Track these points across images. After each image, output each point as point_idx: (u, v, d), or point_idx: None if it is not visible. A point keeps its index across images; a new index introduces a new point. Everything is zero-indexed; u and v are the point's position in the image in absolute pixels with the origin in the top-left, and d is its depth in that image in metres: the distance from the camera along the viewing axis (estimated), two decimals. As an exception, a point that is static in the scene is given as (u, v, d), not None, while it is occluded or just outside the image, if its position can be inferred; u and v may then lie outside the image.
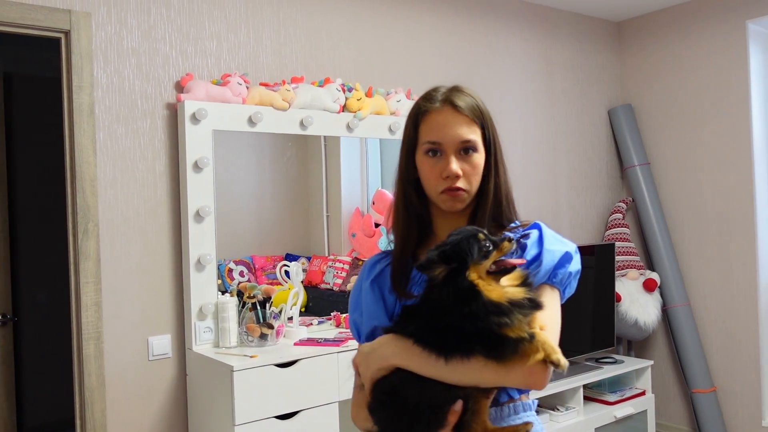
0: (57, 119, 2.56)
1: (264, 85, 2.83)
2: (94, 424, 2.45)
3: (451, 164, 1.23)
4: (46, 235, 4.41)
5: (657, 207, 4.23)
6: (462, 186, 1.24)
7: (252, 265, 2.97)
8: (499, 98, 3.83)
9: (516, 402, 1.24)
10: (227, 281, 2.83)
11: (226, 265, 2.84)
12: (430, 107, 1.26)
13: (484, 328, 1.06)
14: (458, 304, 1.07)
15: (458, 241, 1.10)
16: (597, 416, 3.57)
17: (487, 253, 1.10)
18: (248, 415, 2.33)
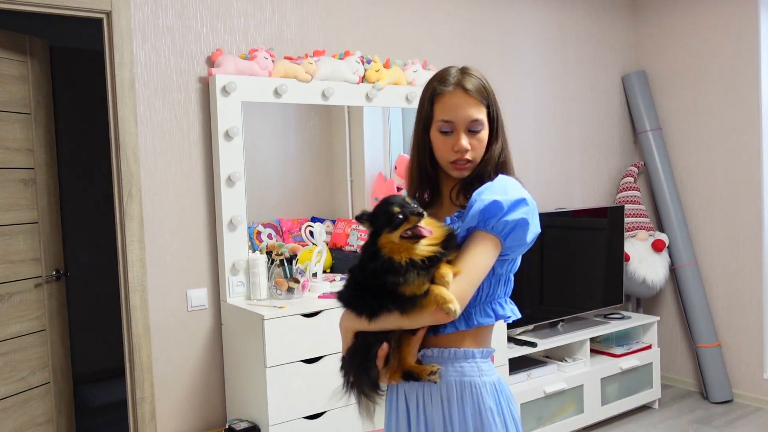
0: (99, 91, 2.80)
1: (288, 59, 3.03)
2: (141, 367, 2.76)
3: (461, 140, 1.45)
4: (89, 199, 4.72)
5: (668, 171, 4.37)
6: (469, 158, 1.47)
7: (279, 228, 3.19)
8: (513, 67, 3.98)
9: (458, 349, 1.46)
10: (256, 243, 3.05)
11: (254, 228, 3.07)
12: (444, 90, 1.47)
13: (383, 284, 1.32)
14: (367, 262, 1.35)
15: (377, 211, 1.36)
16: (603, 367, 3.79)
17: (397, 225, 1.32)
18: (277, 358, 2.60)
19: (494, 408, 1.46)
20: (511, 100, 3.97)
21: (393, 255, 1.32)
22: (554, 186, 4.21)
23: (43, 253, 3.01)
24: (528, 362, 3.63)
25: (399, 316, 1.37)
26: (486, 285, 1.46)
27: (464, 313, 1.45)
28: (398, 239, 1.32)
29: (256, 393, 2.66)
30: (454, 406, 1.45)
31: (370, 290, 1.37)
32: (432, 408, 1.48)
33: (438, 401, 1.47)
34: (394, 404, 1.55)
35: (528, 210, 1.41)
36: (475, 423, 1.45)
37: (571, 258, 3.93)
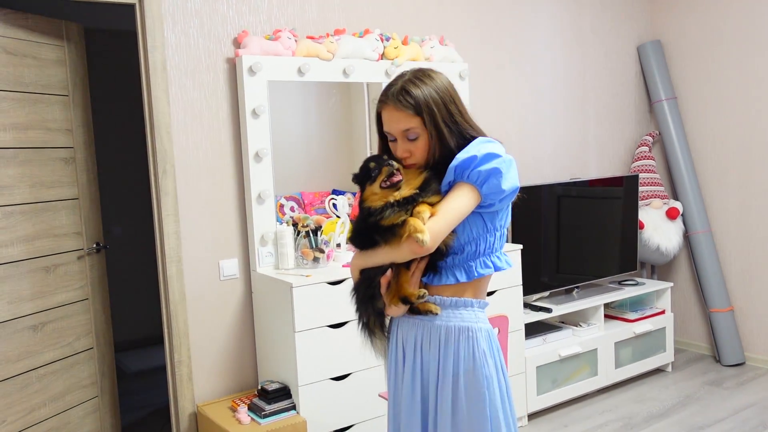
0: (131, 71, 2.95)
1: (310, 38, 3.15)
2: (179, 333, 2.95)
3: (398, 150, 1.66)
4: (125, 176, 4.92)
5: (682, 139, 4.44)
6: (412, 161, 1.67)
7: (301, 201, 3.33)
8: (529, 37, 4.05)
9: (459, 298, 1.68)
10: (279, 215, 3.20)
11: (278, 201, 3.22)
12: (381, 106, 1.67)
13: (371, 224, 1.59)
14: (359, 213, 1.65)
15: (362, 167, 1.64)
16: (617, 332, 3.93)
17: (374, 178, 1.60)
18: (306, 323, 2.78)
19: (487, 351, 1.66)
20: (526, 70, 4.06)
21: (373, 203, 1.59)
22: (570, 156, 4.30)
23: (83, 227, 3.20)
24: (543, 327, 3.77)
25: (384, 248, 1.60)
26: (483, 239, 1.66)
27: (465, 266, 1.67)
28: (379, 189, 1.59)
29: (286, 356, 2.85)
30: (450, 348, 1.66)
31: (365, 233, 1.63)
32: (429, 350, 1.69)
33: (436, 343, 1.68)
34: (393, 349, 1.77)
35: (501, 161, 1.58)
36: (467, 364, 1.64)
37: (587, 226, 4.05)
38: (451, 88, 1.67)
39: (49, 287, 3.02)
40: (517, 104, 4.03)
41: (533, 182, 3.86)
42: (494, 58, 3.90)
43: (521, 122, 4.05)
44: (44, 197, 3.01)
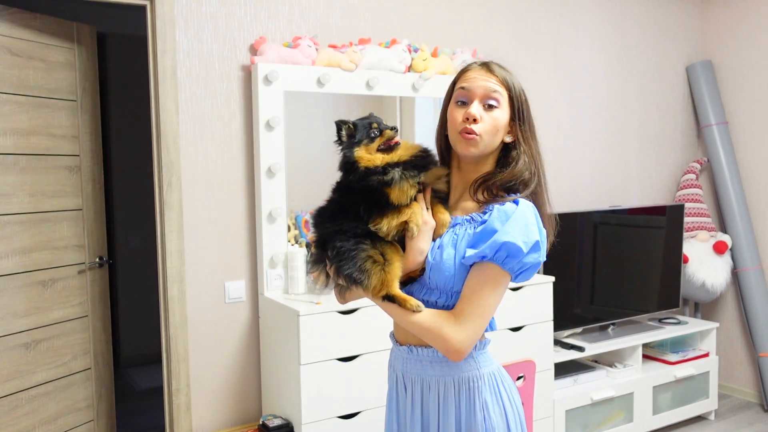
0: (144, 77, 2.78)
1: (332, 47, 2.95)
2: (178, 358, 2.74)
3: (471, 107, 1.42)
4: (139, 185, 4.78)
5: (733, 168, 4.12)
6: (477, 130, 1.42)
7: None
8: (569, 55, 3.80)
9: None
10: (303, 231, 3.00)
11: (302, 217, 3.02)
12: (468, 67, 1.49)
13: (366, 185, 1.40)
14: (345, 173, 1.46)
15: (360, 124, 1.46)
16: (656, 375, 3.61)
17: (373, 138, 1.44)
18: (312, 355, 2.54)
19: (490, 401, 1.47)
20: (565, 90, 3.79)
21: (369, 164, 1.42)
22: (610, 182, 4.01)
23: (86, 239, 3.02)
24: (575, 367, 3.48)
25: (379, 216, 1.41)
26: None
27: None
28: (375, 152, 1.43)
29: (291, 390, 2.61)
30: (450, 402, 1.47)
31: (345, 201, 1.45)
32: (429, 401, 1.50)
33: (435, 397, 1.49)
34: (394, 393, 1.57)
35: (542, 252, 1.42)
36: (468, 421, 1.45)
37: (626, 258, 3.75)
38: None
39: (45, 303, 2.84)
40: (555, 125, 3.77)
41: (569, 209, 3.58)
42: (531, 75, 3.64)
43: (558, 144, 3.78)
44: (45, 207, 2.84)
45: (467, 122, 1.41)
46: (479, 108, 1.41)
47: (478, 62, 1.48)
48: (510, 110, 1.45)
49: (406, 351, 1.51)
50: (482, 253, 1.36)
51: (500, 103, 1.42)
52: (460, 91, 1.44)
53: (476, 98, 1.42)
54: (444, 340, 1.37)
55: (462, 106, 1.43)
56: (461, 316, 1.38)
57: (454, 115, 1.44)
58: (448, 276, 1.40)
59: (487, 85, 1.42)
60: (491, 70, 1.44)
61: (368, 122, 1.45)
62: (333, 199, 1.49)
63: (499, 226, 1.37)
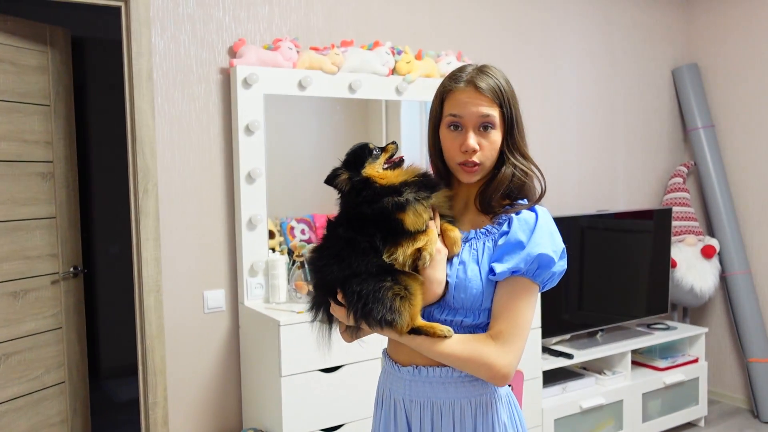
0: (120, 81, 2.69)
1: (314, 50, 2.88)
2: (154, 370, 2.65)
3: (469, 139, 1.35)
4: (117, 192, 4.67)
5: (720, 171, 4.09)
6: (477, 160, 1.36)
7: (313, 223, 3.06)
8: (555, 59, 3.75)
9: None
10: (289, 238, 2.93)
11: (288, 223, 2.94)
12: (455, 86, 1.37)
13: (380, 208, 1.29)
14: (356, 194, 1.34)
15: (353, 151, 1.38)
16: (645, 381, 3.56)
17: (376, 156, 1.36)
18: (294, 367, 2.46)
19: (509, 423, 1.40)
20: (551, 93, 3.75)
21: (381, 181, 1.34)
22: (596, 186, 3.97)
23: (60, 248, 2.93)
24: (563, 374, 3.41)
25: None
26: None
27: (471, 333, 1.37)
28: (382, 170, 1.36)
29: (272, 402, 2.53)
30: (468, 426, 1.37)
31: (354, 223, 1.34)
32: (442, 426, 1.37)
33: (450, 421, 1.37)
34: (392, 422, 1.44)
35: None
36: None
37: (613, 263, 3.70)
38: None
39: (16, 314, 2.74)
40: (541, 129, 3.72)
41: (555, 214, 3.52)
42: (516, 79, 3.56)
43: (544, 149, 3.73)
44: (16, 215, 2.75)
45: (466, 155, 1.35)
46: (475, 138, 1.35)
47: (464, 78, 1.37)
48: (503, 124, 1.38)
49: (411, 372, 1.39)
50: (515, 268, 1.30)
51: (495, 123, 1.36)
52: (451, 118, 1.36)
53: (470, 126, 1.35)
54: (489, 366, 1.28)
55: (455, 131, 1.36)
56: (501, 336, 1.29)
57: (449, 143, 1.38)
58: (475, 294, 1.32)
59: (479, 110, 1.34)
60: (480, 90, 1.34)
61: (361, 145, 1.38)
62: (334, 236, 1.35)
63: (524, 238, 1.32)
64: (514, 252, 1.31)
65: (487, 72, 1.38)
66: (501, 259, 1.32)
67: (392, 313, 1.27)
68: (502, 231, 1.36)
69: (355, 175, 1.35)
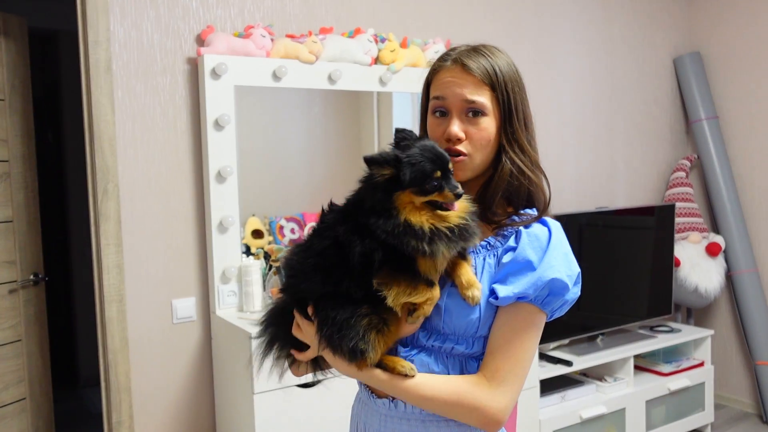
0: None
1: (290, 37, 2.66)
2: (118, 387, 2.44)
3: (452, 125, 1.16)
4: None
5: (725, 164, 3.90)
6: (464, 150, 1.15)
7: (303, 222, 2.88)
8: (550, 48, 3.54)
9: None
10: (278, 237, 2.75)
11: (277, 222, 2.76)
12: (440, 65, 1.21)
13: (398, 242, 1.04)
14: (377, 215, 1.06)
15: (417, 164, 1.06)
16: (648, 388, 3.36)
17: (429, 191, 1.06)
18: (267, 384, 2.25)
19: None
20: (546, 84, 3.54)
21: (412, 218, 1.06)
22: (595, 182, 3.76)
23: (18, 254, 2.71)
24: (562, 382, 3.21)
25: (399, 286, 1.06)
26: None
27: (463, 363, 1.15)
28: (422, 205, 1.07)
29: (245, 421, 2.32)
30: None
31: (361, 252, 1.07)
32: None
33: None
34: None
35: (580, 284, 1.17)
36: None
37: (613, 263, 3.49)
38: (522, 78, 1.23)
39: (-31, 327, 2.53)
40: (535, 122, 3.50)
41: (553, 211, 3.32)
42: (509, 68, 3.38)
43: (540, 143, 3.50)
44: (-33, 219, 2.53)
45: (449, 143, 1.16)
46: (459, 124, 1.15)
47: (451, 56, 1.19)
48: (499, 110, 1.17)
49: (387, 406, 1.18)
50: (522, 293, 1.10)
51: (486, 107, 1.15)
52: (435, 101, 1.18)
53: (454, 111, 1.16)
54: (481, 411, 1.07)
55: (441, 118, 1.18)
56: (496, 376, 1.09)
57: (433, 131, 1.20)
58: (472, 319, 1.11)
59: (463, 92, 1.15)
60: (468, 69, 1.15)
61: (432, 168, 1.06)
62: (327, 235, 1.12)
63: (535, 258, 1.11)
64: (521, 274, 1.10)
65: (481, 51, 1.19)
66: (505, 280, 1.11)
67: (365, 344, 1.06)
68: (508, 246, 1.15)
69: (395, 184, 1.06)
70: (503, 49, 1.22)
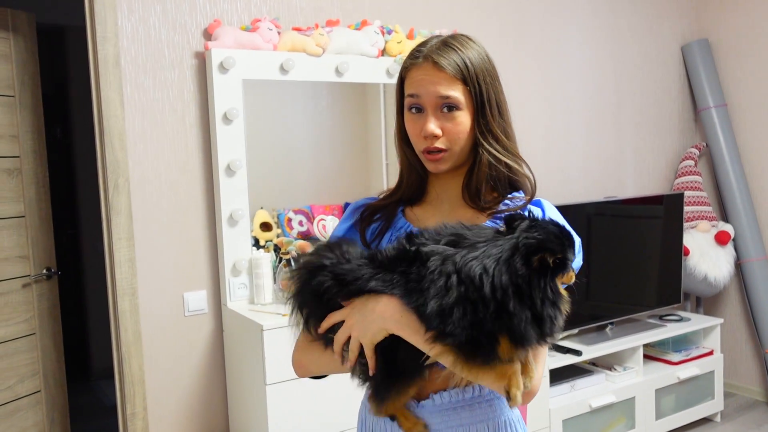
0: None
1: (296, 30, 2.67)
2: (132, 379, 2.47)
3: (428, 123, 1.18)
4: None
5: (734, 152, 3.87)
6: (442, 146, 1.19)
7: (311, 214, 2.89)
8: (557, 37, 3.53)
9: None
10: (287, 230, 2.76)
11: (285, 215, 2.78)
12: (412, 63, 1.21)
13: (546, 315, 1.02)
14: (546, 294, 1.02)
15: (566, 253, 1.04)
16: (658, 377, 3.37)
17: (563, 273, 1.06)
18: (279, 374, 2.27)
19: None
20: (553, 73, 3.53)
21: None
22: (604, 171, 3.76)
23: (31, 249, 2.74)
24: (572, 371, 3.22)
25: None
26: None
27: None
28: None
29: (257, 412, 2.34)
30: None
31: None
32: None
33: None
34: None
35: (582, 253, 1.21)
36: None
37: (622, 252, 3.49)
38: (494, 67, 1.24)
39: (-16, 321, 2.56)
40: (543, 112, 3.50)
41: (561, 201, 3.32)
42: (516, 58, 3.38)
43: (547, 133, 3.52)
44: (-20, 215, 2.56)
45: (427, 140, 1.18)
46: (435, 121, 1.17)
47: (422, 53, 1.19)
48: (472, 103, 1.18)
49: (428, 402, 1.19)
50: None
51: (459, 102, 1.17)
52: (410, 98, 1.20)
53: (429, 108, 1.18)
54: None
55: (417, 114, 1.19)
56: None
57: (410, 126, 1.21)
58: None
59: (437, 89, 1.16)
60: (439, 66, 1.16)
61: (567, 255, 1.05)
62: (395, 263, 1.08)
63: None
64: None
65: (451, 44, 1.18)
66: None
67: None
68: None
69: (546, 270, 1.02)
70: (475, 38, 1.23)
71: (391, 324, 1.06)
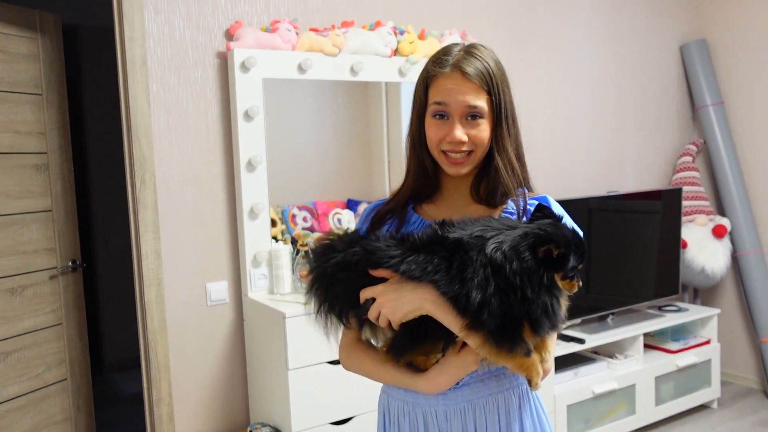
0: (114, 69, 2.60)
1: (314, 31, 2.78)
2: (158, 365, 2.58)
3: (455, 130, 1.25)
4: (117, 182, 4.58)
5: (730, 149, 4.00)
6: (467, 149, 1.27)
7: (315, 211, 2.98)
8: (560, 36, 3.65)
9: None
10: (291, 226, 2.85)
11: (289, 211, 2.87)
12: (440, 72, 1.27)
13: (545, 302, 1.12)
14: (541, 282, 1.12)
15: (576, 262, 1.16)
16: (657, 365, 3.49)
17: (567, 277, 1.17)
18: (301, 359, 2.39)
19: (545, 420, 1.40)
20: (557, 72, 3.65)
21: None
22: (604, 167, 3.88)
23: (57, 242, 2.84)
24: (575, 359, 3.35)
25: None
26: None
27: None
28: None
29: (279, 396, 2.46)
30: (514, 418, 1.31)
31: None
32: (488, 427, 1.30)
33: (495, 418, 1.30)
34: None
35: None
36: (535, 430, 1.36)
37: (623, 245, 3.62)
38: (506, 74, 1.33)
39: (14, 312, 2.67)
40: (547, 109, 3.62)
41: (563, 196, 3.44)
42: (521, 57, 3.49)
43: (551, 129, 3.64)
44: (10, 209, 2.66)
45: (452, 145, 1.26)
46: (461, 128, 1.25)
47: (449, 62, 1.26)
48: (492, 112, 1.28)
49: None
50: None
51: (484, 111, 1.26)
52: (436, 106, 1.27)
53: (456, 116, 1.26)
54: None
55: (441, 120, 1.27)
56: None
57: (434, 132, 1.28)
58: None
59: (466, 99, 1.24)
60: (467, 76, 1.24)
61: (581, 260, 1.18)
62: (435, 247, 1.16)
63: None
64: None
65: (474, 54, 1.27)
66: None
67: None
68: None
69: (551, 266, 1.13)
70: (489, 48, 1.32)
71: (429, 305, 1.15)
